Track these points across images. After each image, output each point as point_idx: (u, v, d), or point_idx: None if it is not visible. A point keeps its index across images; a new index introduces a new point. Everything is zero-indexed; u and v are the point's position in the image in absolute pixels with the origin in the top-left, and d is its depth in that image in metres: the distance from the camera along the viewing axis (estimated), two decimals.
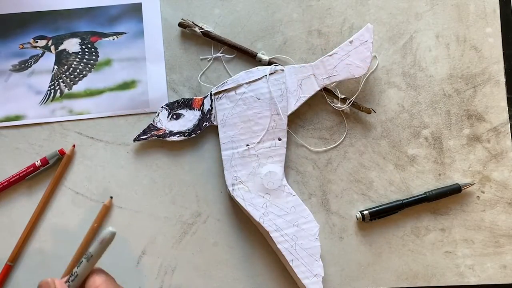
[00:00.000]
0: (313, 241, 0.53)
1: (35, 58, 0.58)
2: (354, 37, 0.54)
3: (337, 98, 0.56)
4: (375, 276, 0.55)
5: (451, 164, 0.56)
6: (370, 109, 0.56)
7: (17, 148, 0.57)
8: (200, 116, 0.55)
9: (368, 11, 0.58)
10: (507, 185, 0.56)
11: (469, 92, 0.57)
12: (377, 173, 0.56)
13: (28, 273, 0.55)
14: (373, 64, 0.57)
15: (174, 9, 0.58)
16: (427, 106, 0.57)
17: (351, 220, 0.56)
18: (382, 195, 0.56)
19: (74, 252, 0.55)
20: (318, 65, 0.55)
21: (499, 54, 0.58)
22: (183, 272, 0.55)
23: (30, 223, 0.55)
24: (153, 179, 0.56)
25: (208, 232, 0.56)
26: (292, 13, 0.58)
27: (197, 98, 0.56)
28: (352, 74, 0.54)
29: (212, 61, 0.58)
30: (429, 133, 0.57)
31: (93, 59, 0.58)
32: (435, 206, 0.56)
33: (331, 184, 0.56)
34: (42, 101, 0.57)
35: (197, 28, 0.56)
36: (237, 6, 0.58)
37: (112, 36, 0.58)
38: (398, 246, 0.55)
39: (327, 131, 0.57)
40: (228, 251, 0.55)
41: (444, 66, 0.57)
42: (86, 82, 0.57)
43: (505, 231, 0.56)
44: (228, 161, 0.54)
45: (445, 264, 0.55)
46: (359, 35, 0.54)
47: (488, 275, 0.55)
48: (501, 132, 0.57)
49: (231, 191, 0.53)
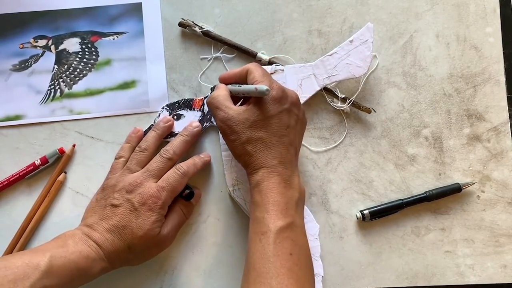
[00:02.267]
0: (313, 241, 0.53)
1: (35, 57, 0.58)
2: (354, 36, 0.54)
3: (337, 97, 0.56)
4: (375, 276, 0.55)
5: (451, 163, 0.56)
6: (370, 108, 0.56)
7: (17, 147, 0.57)
8: (200, 117, 0.55)
9: (368, 11, 0.58)
10: (507, 185, 0.56)
11: (469, 92, 0.57)
12: (377, 172, 0.56)
13: None
14: (373, 63, 0.57)
15: (174, 9, 0.58)
16: (427, 106, 0.57)
17: (351, 219, 0.56)
18: (382, 195, 0.56)
19: None
20: (318, 65, 0.55)
21: (499, 53, 0.58)
22: (183, 272, 0.55)
23: (27, 220, 0.55)
24: None
25: (208, 231, 0.56)
26: (292, 13, 0.58)
27: (197, 99, 0.56)
28: (352, 74, 0.54)
29: (212, 60, 0.58)
30: (429, 133, 0.57)
31: (93, 58, 0.58)
32: (435, 205, 0.56)
33: (331, 183, 0.56)
34: (42, 101, 0.57)
35: (197, 28, 0.57)
36: (237, 6, 0.58)
37: (112, 35, 0.58)
38: (398, 246, 0.55)
39: (327, 130, 0.57)
40: (228, 251, 0.55)
41: (444, 66, 0.57)
42: (86, 82, 0.57)
43: (505, 230, 0.56)
44: (228, 162, 0.54)
45: (445, 263, 0.55)
46: (360, 35, 0.54)
47: (488, 274, 0.55)
48: (501, 132, 0.57)
49: (232, 191, 0.53)
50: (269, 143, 0.46)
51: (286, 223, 0.44)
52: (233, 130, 0.47)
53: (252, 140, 0.46)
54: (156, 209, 0.48)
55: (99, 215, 0.48)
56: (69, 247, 0.45)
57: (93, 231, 0.47)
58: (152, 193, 0.48)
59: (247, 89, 0.47)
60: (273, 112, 0.46)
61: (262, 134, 0.46)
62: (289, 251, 0.43)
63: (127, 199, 0.48)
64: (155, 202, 0.48)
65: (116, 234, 0.47)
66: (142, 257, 0.50)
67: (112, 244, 0.47)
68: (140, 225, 0.47)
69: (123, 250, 0.47)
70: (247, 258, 0.44)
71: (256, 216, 0.45)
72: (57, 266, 0.43)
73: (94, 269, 0.46)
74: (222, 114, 0.47)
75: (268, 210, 0.44)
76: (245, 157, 0.47)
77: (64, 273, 0.43)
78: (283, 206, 0.44)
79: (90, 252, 0.46)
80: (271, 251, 0.42)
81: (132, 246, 0.47)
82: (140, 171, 0.50)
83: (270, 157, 0.46)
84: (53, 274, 0.42)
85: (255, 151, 0.46)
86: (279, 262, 0.42)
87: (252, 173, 0.47)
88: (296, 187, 0.46)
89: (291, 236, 0.44)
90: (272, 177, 0.45)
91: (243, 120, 0.46)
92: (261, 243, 0.43)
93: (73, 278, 0.44)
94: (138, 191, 0.48)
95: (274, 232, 0.43)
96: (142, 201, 0.48)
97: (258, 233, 0.44)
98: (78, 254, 0.45)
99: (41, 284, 0.41)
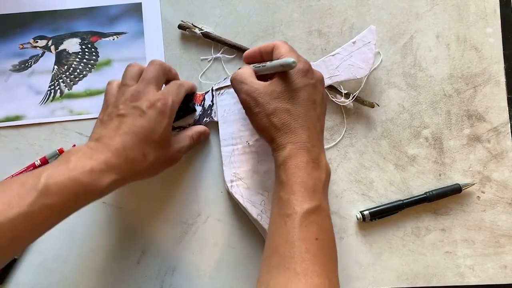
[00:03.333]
0: None
1: (35, 58, 0.58)
2: (357, 38, 0.54)
3: (340, 93, 0.56)
4: (375, 276, 0.55)
5: (451, 164, 0.56)
6: (373, 103, 0.56)
7: (17, 148, 0.57)
8: (201, 112, 0.55)
9: (368, 11, 0.58)
10: (508, 185, 0.56)
11: (469, 92, 0.57)
12: (378, 173, 0.56)
13: (28, 273, 0.55)
14: (377, 60, 0.57)
15: (174, 9, 0.58)
16: (428, 106, 0.57)
17: (352, 220, 0.56)
18: (382, 195, 0.56)
19: (74, 252, 0.55)
20: (320, 65, 0.55)
21: (499, 54, 0.58)
22: (183, 272, 0.55)
23: None
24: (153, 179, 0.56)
25: (208, 232, 0.55)
26: (292, 13, 0.58)
27: (198, 94, 0.56)
28: (354, 75, 0.54)
29: (213, 61, 0.57)
30: (429, 133, 0.57)
31: (93, 59, 0.58)
32: (435, 206, 0.56)
33: (331, 184, 0.56)
34: (42, 101, 0.57)
35: (197, 30, 0.56)
36: (237, 6, 0.58)
37: (112, 36, 0.58)
38: (398, 246, 0.55)
39: (327, 131, 0.57)
40: (228, 251, 0.55)
41: (445, 66, 0.57)
42: (86, 82, 0.57)
43: (506, 231, 0.56)
44: (227, 158, 0.54)
45: (445, 264, 0.55)
46: (362, 36, 0.54)
47: (488, 275, 0.55)
48: (502, 132, 0.57)
49: (230, 187, 0.53)
50: (296, 115, 0.44)
51: (313, 206, 0.42)
52: (258, 102, 0.45)
53: (279, 111, 0.44)
54: (167, 113, 0.45)
55: (107, 127, 0.45)
56: (70, 164, 0.41)
57: (100, 143, 0.44)
58: (159, 97, 0.46)
59: (272, 65, 0.46)
60: (300, 85, 0.44)
61: (289, 106, 0.44)
62: (315, 236, 0.41)
63: (134, 106, 0.45)
64: (164, 104, 0.45)
65: (129, 141, 0.44)
66: (154, 168, 0.47)
67: (124, 153, 0.43)
68: (153, 129, 0.45)
69: (137, 158, 0.44)
70: (269, 241, 0.43)
71: (281, 196, 0.43)
72: (54, 184, 0.39)
73: (102, 182, 0.42)
74: (246, 87, 0.46)
75: (294, 191, 0.42)
76: (271, 130, 0.45)
77: (65, 190, 0.40)
78: (311, 187, 0.42)
79: (95, 165, 0.41)
80: (297, 235, 0.41)
81: (148, 153, 0.45)
82: (137, 84, 0.48)
83: (299, 131, 0.44)
84: (52, 192, 0.39)
85: (282, 123, 0.44)
86: (304, 246, 0.40)
87: (278, 149, 0.45)
88: (323, 167, 0.44)
89: (317, 220, 0.42)
90: (300, 155, 0.43)
91: (270, 92, 0.45)
92: (286, 226, 0.41)
93: (78, 195, 0.41)
94: (143, 98, 0.45)
95: (300, 215, 0.41)
96: (150, 105, 0.45)
97: (283, 215, 0.42)
98: (80, 169, 0.41)
99: (40, 203, 0.39)
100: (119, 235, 0.55)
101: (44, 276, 0.55)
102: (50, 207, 0.39)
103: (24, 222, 0.38)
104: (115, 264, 0.55)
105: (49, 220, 0.40)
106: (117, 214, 0.56)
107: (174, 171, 0.56)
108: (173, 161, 0.50)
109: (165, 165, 0.49)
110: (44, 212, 0.39)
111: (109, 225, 0.56)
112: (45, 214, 0.39)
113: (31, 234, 0.40)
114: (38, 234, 0.40)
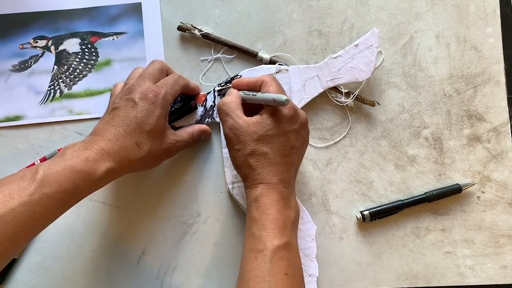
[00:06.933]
0: (310, 242, 0.53)
1: (35, 58, 0.57)
2: (359, 40, 0.54)
3: (341, 93, 0.56)
4: (375, 276, 0.55)
5: (451, 164, 0.56)
6: (374, 101, 0.56)
7: (17, 148, 0.57)
8: (202, 112, 0.55)
9: (368, 12, 0.58)
10: (508, 185, 0.56)
11: (469, 92, 0.57)
12: (377, 173, 0.56)
13: (28, 273, 0.55)
14: (379, 58, 0.57)
15: (174, 9, 0.58)
16: (428, 106, 0.57)
17: (351, 220, 0.56)
18: (382, 195, 0.56)
19: (74, 253, 0.55)
20: (322, 67, 0.55)
21: (499, 54, 0.58)
22: (183, 272, 0.55)
23: None
24: (153, 179, 0.56)
25: (208, 232, 0.55)
26: (292, 13, 0.58)
27: (200, 94, 0.56)
28: (356, 78, 0.54)
29: (213, 61, 0.57)
30: (429, 133, 0.57)
31: (93, 59, 0.58)
32: (435, 206, 0.56)
33: (331, 184, 0.56)
34: (42, 101, 0.57)
35: (197, 31, 0.56)
36: (237, 6, 0.58)
37: (112, 36, 0.58)
38: (398, 247, 0.55)
39: (328, 131, 0.57)
40: (228, 251, 0.55)
41: (444, 66, 0.57)
42: (86, 82, 0.57)
43: (506, 231, 0.56)
44: (228, 159, 0.54)
45: (445, 264, 0.55)
46: (364, 39, 0.54)
47: (488, 275, 0.55)
48: (502, 132, 0.57)
49: (231, 189, 0.53)
50: (272, 160, 0.46)
51: (283, 242, 0.43)
52: (239, 140, 0.46)
53: (257, 154, 0.46)
54: (158, 103, 0.47)
55: (102, 121, 0.48)
56: (66, 155, 0.43)
57: (95, 136, 0.46)
58: (152, 88, 0.47)
59: (264, 97, 0.47)
60: (282, 131, 0.46)
61: (268, 150, 0.46)
62: (284, 271, 0.42)
63: (127, 98, 0.47)
64: (156, 95, 0.47)
65: (121, 132, 0.46)
66: (149, 159, 0.48)
67: (117, 141, 0.45)
68: (145, 120, 0.46)
69: (131, 147, 0.46)
70: (241, 275, 0.44)
71: (253, 232, 0.44)
72: (52, 174, 0.41)
73: (98, 170, 0.43)
74: (231, 121, 0.47)
75: (266, 227, 0.44)
76: (246, 169, 0.47)
77: (62, 179, 0.41)
78: (281, 224, 0.44)
79: (90, 154, 0.44)
80: (267, 270, 0.42)
81: (141, 143, 0.46)
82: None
83: (272, 174, 0.46)
84: (50, 181, 0.41)
85: (257, 165, 0.46)
86: (274, 282, 0.41)
87: (251, 187, 0.46)
88: (293, 207, 0.46)
89: (287, 256, 0.43)
90: (272, 194, 0.45)
91: (252, 132, 0.46)
92: (257, 261, 0.43)
93: (76, 183, 0.42)
94: (136, 90, 0.47)
95: (271, 250, 0.42)
96: (142, 96, 0.47)
97: (254, 251, 0.43)
98: (76, 159, 0.43)
99: (41, 193, 0.40)
100: (119, 235, 0.55)
101: (44, 276, 0.55)
102: (50, 196, 0.41)
103: (26, 211, 0.39)
104: (115, 264, 0.55)
105: (50, 210, 0.41)
106: (117, 214, 0.56)
107: (175, 171, 0.56)
108: (169, 154, 0.50)
109: (161, 157, 0.50)
110: (44, 201, 0.40)
111: (109, 225, 0.56)
112: (46, 203, 0.40)
113: (33, 224, 0.40)
114: (40, 225, 0.41)
